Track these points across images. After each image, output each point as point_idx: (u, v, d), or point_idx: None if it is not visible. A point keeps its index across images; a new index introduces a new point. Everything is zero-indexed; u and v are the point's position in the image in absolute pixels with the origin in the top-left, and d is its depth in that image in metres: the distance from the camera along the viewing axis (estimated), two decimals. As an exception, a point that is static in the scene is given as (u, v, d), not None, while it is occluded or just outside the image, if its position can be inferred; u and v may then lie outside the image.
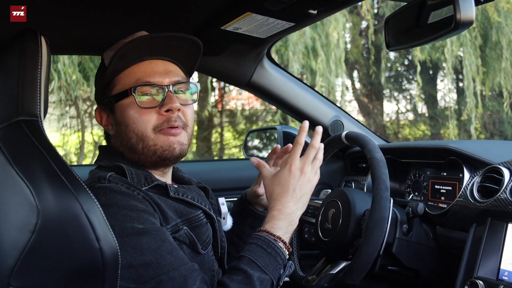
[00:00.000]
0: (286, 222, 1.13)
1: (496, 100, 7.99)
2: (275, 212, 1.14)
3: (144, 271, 0.97)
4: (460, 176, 1.35)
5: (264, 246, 1.08)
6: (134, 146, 1.15)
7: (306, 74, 6.38)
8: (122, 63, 1.15)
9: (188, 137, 1.21)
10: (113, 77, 1.17)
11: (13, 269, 0.82)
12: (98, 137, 7.69)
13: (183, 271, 0.99)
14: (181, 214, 1.13)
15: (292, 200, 1.15)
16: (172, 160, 1.18)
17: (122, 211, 1.01)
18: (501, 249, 1.10)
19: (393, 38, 1.14)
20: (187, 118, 1.19)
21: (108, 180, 1.07)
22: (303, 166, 1.17)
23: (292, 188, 1.15)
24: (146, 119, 1.13)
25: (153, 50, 1.16)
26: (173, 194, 1.14)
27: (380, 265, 1.26)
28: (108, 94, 1.18)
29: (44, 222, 0.83)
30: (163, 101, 1.14)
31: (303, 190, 1.17)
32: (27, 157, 0.87)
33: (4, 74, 0.92)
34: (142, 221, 1.01)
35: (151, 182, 1.13)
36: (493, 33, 6.56)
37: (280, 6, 1.16)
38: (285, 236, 1.12)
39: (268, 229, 1.11)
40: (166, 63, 1.19)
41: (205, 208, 1.20)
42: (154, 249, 0.99)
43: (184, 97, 1.20)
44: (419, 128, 9.51)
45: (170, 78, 1.16)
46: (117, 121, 1.17)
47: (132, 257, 0.96)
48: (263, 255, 1.07)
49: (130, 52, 1.13)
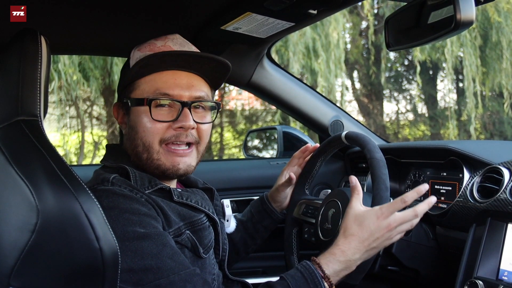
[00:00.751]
0: (343, 266, 1.06)
1: (496, 101, 7.99)
2: (337, 251, 1.07)
3: (144, 276, 0.96)
4: (460, 176, 1.35)
5: (308, 278, 1.03)
6: (139, 154, 1.13)
7: (306, 74, 6.38)
8: (144, 71, 1.12)
9: (199, 155, 1.18)
10: (134, 80, 1.15)
11: (13, 269, 0.82)
12: (98, 137, 7.70)
13: (183, 275, 0.98)
14: (184, 217, 1.12)
15: (361, 247, 1.07)
16: (175, 178, 1.18)
17: (124, 214, 1.00)
18: (501, 249, 1.10)
19: (393, 38, 1.14)
20: (202, 135, 1.16)
21: (111, 183, 1.06)
22: (394, 223, 1.07)
23: (368, 236, 1.07)
24: (156, 130, 1.11)
25: (178, 63, 1.13)
26: (177, 198, 1.13)
27: (380, 265, 1.26)
28: (127, 95, 1.16)
29: (44, 222, 0.83)
30: (178, 117, 1.11)
31: (377, 243, 1.08)
32: (27, 157, 0.87)
33: (4, 74, 0.92)
34: (144, 225, 1.00)
35: (154, 185, 1.11)
36: (493, 33, 6.57)
37: (280, 6, 1.16)
38: (334, 279, 1.06)
39: (322, 264, 1.05)
40: (190, 76, 1.15)
41: (209, 212, 1.19)
42: (154, 254, 0.98)
43: (203, 113, 1.17)
44: (419, 128, 9.51)
45: (190, 93, 1.13)
46: (130, 124, 1.16)
47: (133, 261, 0.96)
48: (302, 286, 1.02)
49: (153, 62, 1.11)
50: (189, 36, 1.43)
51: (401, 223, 1.08)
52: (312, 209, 1.46)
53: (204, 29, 1.40)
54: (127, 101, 1.15)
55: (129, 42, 1.26)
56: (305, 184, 1.52)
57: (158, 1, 1.23)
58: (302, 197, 1.52)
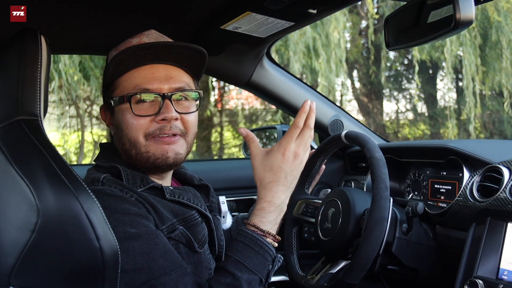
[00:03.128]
0: (275, 214, 1.09)
1: (496, 100, 7.99)
2: (265, 204, 1.10)
3: (135, 276, 0.96)
4: (459, 176, 1.35)
5: (252, 245, 1.05)
6: (128, 151, 1.14)
7: (306, 74, 6.38)
8: (120, 69, 1.13)
9: (188, 145, 1.18)
10: (112, 80, 1.16)
11: (13, 268, 0.82)
12: (98, 136, 7.70)
13: (174, 276, 0.99)
14: (177, 214, 1.12)
15: (283, 188, 1.10)
16: (166, 168, 1.17)
17: (115, 215, 1.00)
18: (501, 249, 1.10)
19: (393, 38, 1.14)
20: (188, 125, 1.16)
21: (101, 183, 1.06)
22: (297, 149, 1.11)
23: (284, 175, 1.10)
24: (139, 126, 1.11)
25: (152, 56, 1.12)
26: (169, 196, 1.14)
27: (380, 265, 1.26)
28: (109, 95, 1.17)
29: (44, 221, 0.83)
30: (160, 109, 1.11)
31: (294, 174, 1.11)
32: (27, 157, 0.87)
33: (4, 73, 0.92)
34: (134, 225, 1.01)
35: (146, 183, 1.12)
36: (493, 33, 6.57)
37: (280, 6, 1.16)
38: (273, 229, 1.08)
39: (257, 224, 1.08)
40: (168, 68, 1.15)
41: (200, 208, 1.19)
42: (146, 253, 0.98)
43: (186, 103, 1.17)
44: (419, 128, 9.52)
45: (170, 85, 1.13)
46: (115, 124, 1.17)
47: (124, 262, 0.95)
48: (251, 255, 1.04)
49: (127, 58, 1.10)
50: (189, 36, 1.43)
51: (303, 144, 1.11)
52: (312, 208, 1.46)
53: (204, 29, 1.40)
54: (110, 101, 1.16)
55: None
56: (305, 183, 1.52)
57: (157, 1, 1.23)
58: (301, 197, 1.51)
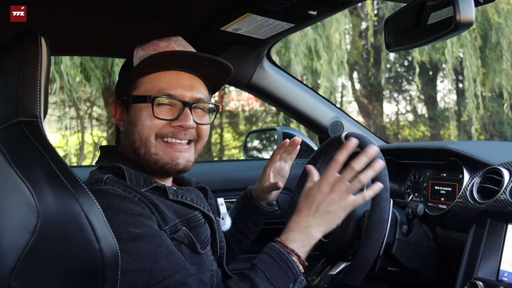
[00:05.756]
0: (303, 235, 1.07)
1: (496, 101, 7.99)
2: (292, 223, 1.10)
3: (138, 277, 0.96)
4: (459, 177, 1.35)
5: (276, 258, 1.05)
6: (137, 149, 1.15)
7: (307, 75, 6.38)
8: (148, 69, 1.14)
9: (197, 152, 1.21)
10: (137, 78, 1.16)
11: (13, 270, 0.82)
12: (98, 137, 7.70)
13: (178, 278, 0.98)
14: (180, 214, 1.12)
15: (313, 215, 1.08)
16: (174, 173, 1.18)
17: (118, 215, 1.00)
18: (501, 250, 1.10)
19: (393, 39, 1.14)
20: (201, 133, 1.19)
21: (104, 183, 1.06)
22: (335, 183, 1.08)
23: (316, 204, 1.08)
24: (154, 126, 1.13)
25: (181, 63, 1.15)
26: (172, 196, 1.14)
27: (380, 266, 1.26)
28: (128, 92, 1.18)
29: (44, 223, 0.83)
30: (179, 116, 1.13)
31: (330, 208, 1.08)
32: (27, 158, 0.87)
33: (4, 75, 0.92)
34: (138, 225, 1.01)
35: (150, 184, 1.12)
36: (493, 34, 6.57)
37: (280, 7, 1.16)
38: (300, 250, 1.06)
39: (283, 241, 1.07)
40: (192, 77, 1.18)
41: (203, 209, 1.19)
42: (149, 254, 0.98)
43: (202, 114, 1.19)
44: (419, 129, 9.51)
45: (192, 94, 1.15)
46: (129, 121, 1.17)
47: (127, 262, 0.95)
48: (274, 267, 1.04)
49: (158, 61, 1.12)
50: (189, 37, 1.43)
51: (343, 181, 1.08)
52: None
53: (204, 30, 1.40)
54: (128, 98, 1.17)
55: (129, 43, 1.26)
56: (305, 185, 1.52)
57: (158, 2, 1.24)
58: (302, 198, 1.51)
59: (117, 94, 1.25)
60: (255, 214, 1.48)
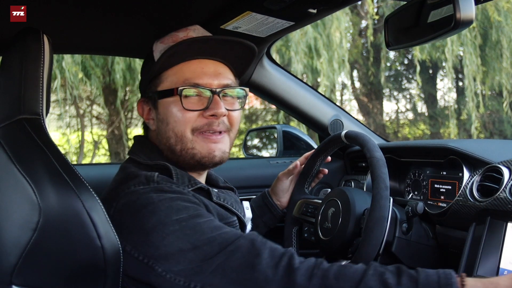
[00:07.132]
0: None
1: (496, 100, 7.99)
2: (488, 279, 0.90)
3: (209, 248, 0.92)
4: (459, 175, 1.35)
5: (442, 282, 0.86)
6: (172, 146, 1.12)
7: (307, 74, 6.38)
8: (171, 61, 1.11)
9: (231, 142, 1.18)
10: (160, 73, 1.14)
11: (15, 267, 0.82)
12: (98, 136, 7.69)
13: (247, 236, 0.94)
14: (222, 217, 1.11)
15: None
16: (211, 166, 1.17)
17: (176, 201, 0.97)
18: (501, 248, 1.10)
19: (393, 37, 1.14)
20: (233, 122, 1.16)
21: (157, 182, 1.03)
22: None
23: None
24: (187, 119, 1.10)
25: (204, 50, 1.12)
26: (215, 199, 1.12)
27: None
28: (153, 89, 1.15)
29: (46, 220, 0.84)
30: (209, 104, 1.10)
31: None
32: (29, 155, 0.88)
33: (6, 72, 0.92)
34: (195, 209, 0.98)
35: (194, 184, 1.10)
36: (493, 33, 6.58)
37: (280, 5, 1.16)
38: None
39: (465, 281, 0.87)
40: (216, 64, 1.15)
41: (240, 215, 1.19)
42: (214, 227, 0.95)
43: (232, 101, 1.16)
44: (419, 128, 9.52)
45: (219, 81, 1.13)
46: (159, 118, 1.14)
47: (194, 238, 0.92)
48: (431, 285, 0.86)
49: (181, 50, 1.10)
50: (190, 35, 1.43)
51: None
52: (312, 208, 1.46)
53: (204, 28, 1.40)
54: (153, 95, 1.15)
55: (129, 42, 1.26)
56: (305, 183, 1.52)
57: (157, 1, 1.24)
58: (302, 196, 1.52)
59: (142, 92, 1.23)
60: (268, 213, 1.49)
